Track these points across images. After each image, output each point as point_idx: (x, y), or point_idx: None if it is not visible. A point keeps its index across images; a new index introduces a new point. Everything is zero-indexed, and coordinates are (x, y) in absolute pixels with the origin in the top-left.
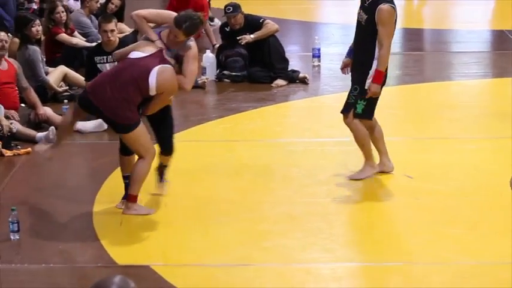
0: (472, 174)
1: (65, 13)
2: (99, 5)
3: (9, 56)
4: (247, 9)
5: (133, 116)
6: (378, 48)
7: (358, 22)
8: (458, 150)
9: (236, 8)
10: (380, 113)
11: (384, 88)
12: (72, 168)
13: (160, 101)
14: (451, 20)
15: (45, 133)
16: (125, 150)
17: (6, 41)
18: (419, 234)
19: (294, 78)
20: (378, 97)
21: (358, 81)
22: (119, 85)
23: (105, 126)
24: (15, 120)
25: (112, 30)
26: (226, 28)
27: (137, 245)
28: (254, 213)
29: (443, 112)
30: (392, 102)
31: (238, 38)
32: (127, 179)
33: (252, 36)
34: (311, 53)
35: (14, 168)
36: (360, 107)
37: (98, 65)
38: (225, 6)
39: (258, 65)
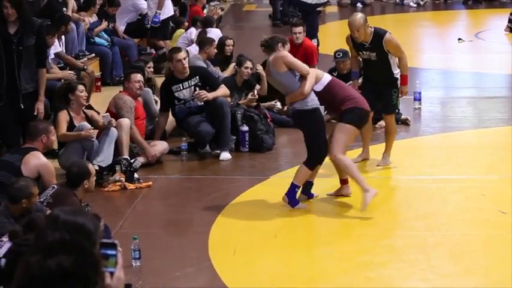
0: None
1: (187, 59)
2: (216, 51)
3: None
4: None
5: None
6: (398, 62)
7: (366, 60)
8: None
9: (345, 54)
10: (479, 153)
11: (480, 130)
12: (189, 201)
13: None
14: None
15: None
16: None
17: (143, 82)
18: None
19: (396, 120)
20: None
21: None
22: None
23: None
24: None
25: (184, 58)
26: (333, 73)
27: (248, 271)
28: (357, 245)
29: None
30: (490, 143)
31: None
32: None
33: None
34: (412, 97)
35: (136, 200)
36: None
37: (176, 93)
38: (335, 52)
39: None
